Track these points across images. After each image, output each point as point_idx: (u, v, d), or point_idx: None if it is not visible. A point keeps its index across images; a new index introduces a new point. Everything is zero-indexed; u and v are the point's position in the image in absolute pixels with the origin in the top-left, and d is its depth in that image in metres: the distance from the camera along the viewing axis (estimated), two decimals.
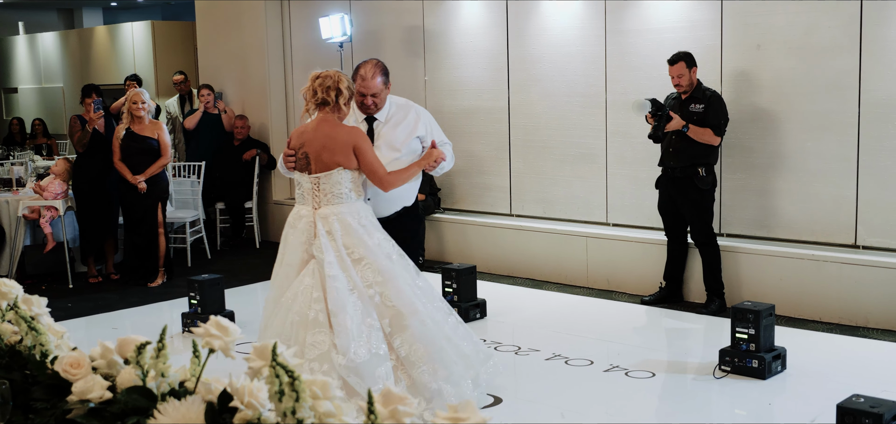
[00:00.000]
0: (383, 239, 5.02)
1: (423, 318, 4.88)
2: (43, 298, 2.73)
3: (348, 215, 4.93)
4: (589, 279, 8.21)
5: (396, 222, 5.41)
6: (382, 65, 5.40)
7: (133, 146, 8.61)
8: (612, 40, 8.09)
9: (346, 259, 4.85)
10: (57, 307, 7.74)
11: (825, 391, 5.33)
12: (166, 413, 2.02)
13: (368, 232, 4.95)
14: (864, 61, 6.76)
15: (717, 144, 7.01)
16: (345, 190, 4.95)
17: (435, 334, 4.88)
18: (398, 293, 4.86)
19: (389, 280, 4.86)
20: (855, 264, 6.77)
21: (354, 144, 4.95)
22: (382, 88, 5.32)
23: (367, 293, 4.83)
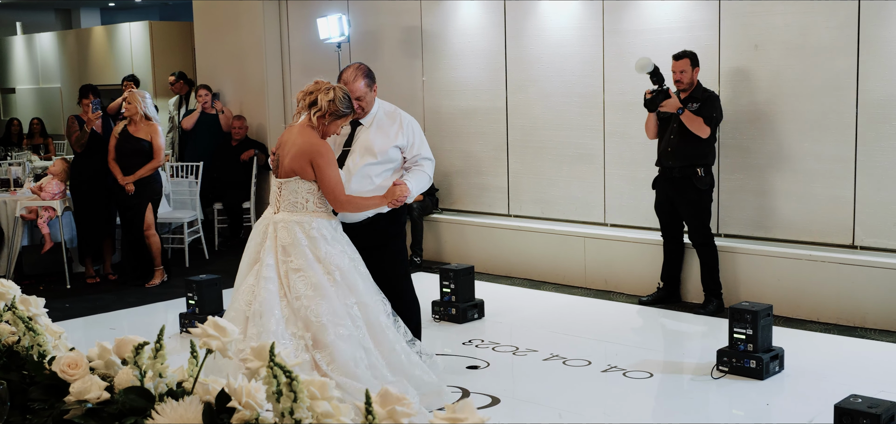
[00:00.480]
0: (337, 253, 4.94)
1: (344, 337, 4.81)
2: (40, 298, 2.73)
3: (299, 224, 4.92)
4: (587, 279, 8.21)
5: (369, 227, 5.33)
6: (365, 68, 5.37)
7: (126, 147, 8.62)
8: (609, 41, 8.10)
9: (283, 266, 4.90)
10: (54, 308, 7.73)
11: (823, 391, 5.33)
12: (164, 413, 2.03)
13: (316, 245, 4.90)
14: (862, 61, 6.77)
15: (706, 135, 6.99)
16: (301, 200, 4.95)
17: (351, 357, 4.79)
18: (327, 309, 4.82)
19: (320, 296, 4.82)
20: (852, 264, 6.77)
21: (312, 159, 4.91)
22: (366, 90, 5.27)
23: (295, 303, 4.84)
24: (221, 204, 10.73)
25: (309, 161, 4.91)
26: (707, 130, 6.98)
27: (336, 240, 5.02)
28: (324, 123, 4.95)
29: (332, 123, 4.99)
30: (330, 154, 4.96)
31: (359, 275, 5.02)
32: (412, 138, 5.38)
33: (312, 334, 4.82)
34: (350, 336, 4.84)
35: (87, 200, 8.89)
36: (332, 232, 5.01)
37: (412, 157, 5.37)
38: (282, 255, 4.90)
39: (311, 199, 4.96)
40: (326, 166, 4.92)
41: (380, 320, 4.99)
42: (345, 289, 4.92)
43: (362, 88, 5.26)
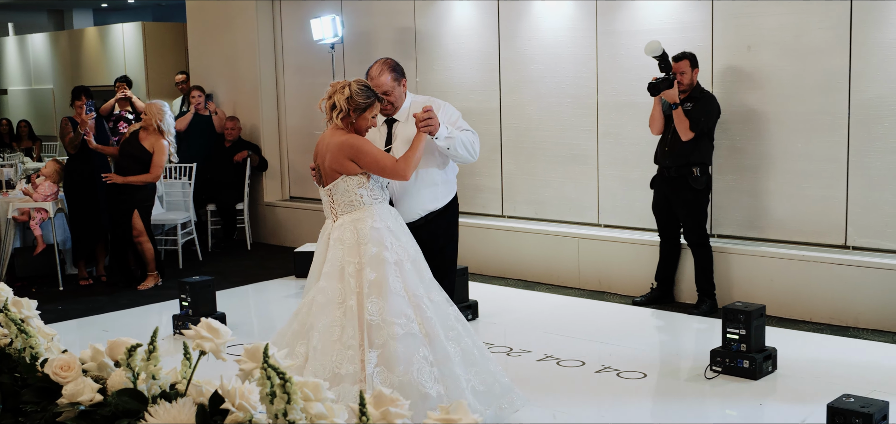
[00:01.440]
0: (401, 246, 4.74)
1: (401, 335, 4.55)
2: (33, 300, 2.72)
3: (360, 221, 4.74)
4: (580, 280, 8.22)
5: (423, 230, 5.13)
6: (391, 61, 5.20)
7: (129, 148, 8.62)
8: (603, 41, 8.11)
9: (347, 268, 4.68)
10: (47, 310, 7.72)
11: (816, 391, 5.34)
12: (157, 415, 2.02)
13: (381, 235, 4.70)
14: (855, 62, 6.78)
15: (686, 138, 7.01)
16: (355, 197, 4.77)
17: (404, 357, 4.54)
18: (381, 305, 4.60)
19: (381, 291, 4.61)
20: (845, 264, 6.79)
21: (349, 153, 4.75)
22: (394, 84, 5.11)
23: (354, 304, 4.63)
24: (215, 205, 10.71)
25: (347, 157, 4.73)
26: (690, 133, 7.00)
27: (403, 229, 4.83)
28: (350, 122, 4.76)
29: (360, 119, 4.77)
30: (364, 140, 4.76)
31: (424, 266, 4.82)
32: (449, 118, 5.15)
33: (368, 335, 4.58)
34: (407, 335, 4.57)
35: (80, 201, 8.88)
36: (393, 221, 4.80)
37: None
38: (348, 256, 4.67)
39: (364, 192, 4.77)
40: (366, 148, 4.73)
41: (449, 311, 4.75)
42: (415, 278, 4.70)
43: (389, 82, 5.11)
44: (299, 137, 10.92)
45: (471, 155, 5.17)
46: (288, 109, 11.00)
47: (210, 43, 11.45)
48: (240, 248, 10.76)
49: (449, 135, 5.00)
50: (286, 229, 10.85)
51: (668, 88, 6.99)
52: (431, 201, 5.19)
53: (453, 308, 4.84)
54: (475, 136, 5.21)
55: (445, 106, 5.25)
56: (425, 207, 5.17)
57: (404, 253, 4.72)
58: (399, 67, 5.23)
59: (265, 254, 10.41)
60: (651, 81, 7.07)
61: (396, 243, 4.72)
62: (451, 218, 5.36)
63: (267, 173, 11.04)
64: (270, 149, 11.06)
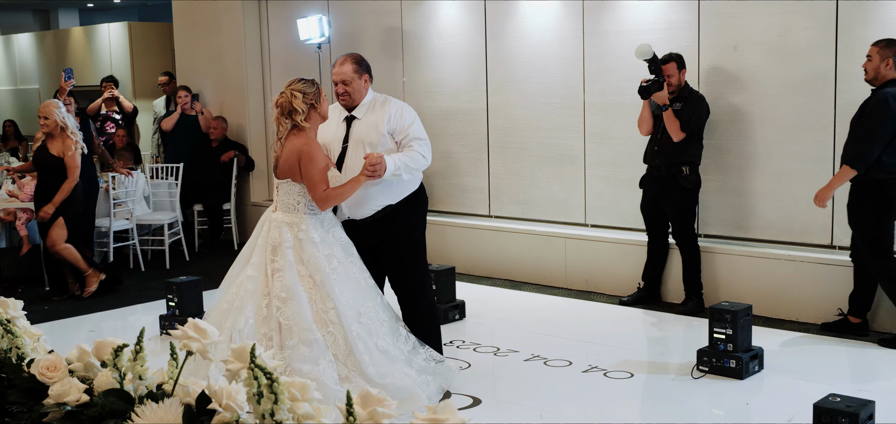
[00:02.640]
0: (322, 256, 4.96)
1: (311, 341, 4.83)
2: (19, 301, 2.71)
3: (289, 226, 5.03)
4: (567, 279, 8.23)
5: (382, 223, 5.33)
6: (357, 56, 5.38)
7: (41, 160, 8.18)
8: (589, 41, 8.12)
9: (268, 266, 4.99)
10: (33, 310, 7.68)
11: (802, 390, 5.36)
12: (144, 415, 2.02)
13: (302, 247, 4.97)
14: (840, 62, 6.81)
15: (677, 139, 7.04)
16: (293, 201, 5.06)
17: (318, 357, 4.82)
18: (295, 313, 4.87)
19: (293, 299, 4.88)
20: (831, 264, 6.81)
21: (299, 159, 4.98)
22: (354, 76, 5.27)
23: (273, 302, 4.92)
24: (202, 206, 10.69)
25: (296, 162, 4.99)
26: (681, 134, 7.03)
27: (325, 243, 5.03)
28: (316, 114, 5.07)
29: (311, 113, 5.05)
30: (314, 153, 4.98)
31: (347, 280, 5.01)
32: (401, 122, 5.26)
33: (281, 337, 4.88)
34: (315, 341, 4.85)
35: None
36: (323, 235, 5.04)
37: (401, 140, 5.25)
38: (270, 253, 4.99)
39: (302, 200, 5.05)
40: (308, 164, 4.97)
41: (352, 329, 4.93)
42: (324, 293, 4.94)
43: (349, 73, 5.26)
44: None
45: (421, 167, 5.28)
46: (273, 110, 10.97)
47: (196, 43, 11.42)
48: (227, 248, 10.73)
49: (395, 171, 5.12)
50: None
51: (658, 90, 7.01)
52: (384, 198, 5.30)
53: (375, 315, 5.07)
54: (425, 146, 5.27)
55: (403, 108, 5.37)
56: (379, 202, 5.30)
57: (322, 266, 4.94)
58: (364, 61, 5.39)
59: None
60: (641, 84, 7.09)
61: (316, 254, 4.96)
62: (413, 210, 5.41)
63: (254, 173, 11.02)
64: (257, 149, 11.04)
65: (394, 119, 5.25)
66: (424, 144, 5.28)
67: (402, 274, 5.46)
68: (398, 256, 5.42)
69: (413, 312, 5.45)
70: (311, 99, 5.04)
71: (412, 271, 5.46)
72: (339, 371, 4.88)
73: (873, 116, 6.06)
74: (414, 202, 5.41)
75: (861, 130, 6.11)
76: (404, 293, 5.48)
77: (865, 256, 6.30)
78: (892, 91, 6.07)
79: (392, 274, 5.49)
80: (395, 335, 5.16)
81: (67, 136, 8.06)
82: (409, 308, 5.47)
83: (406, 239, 5.42)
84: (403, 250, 5.42)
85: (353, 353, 4.91)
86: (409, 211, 5.39)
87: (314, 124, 5.11)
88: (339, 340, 4.92)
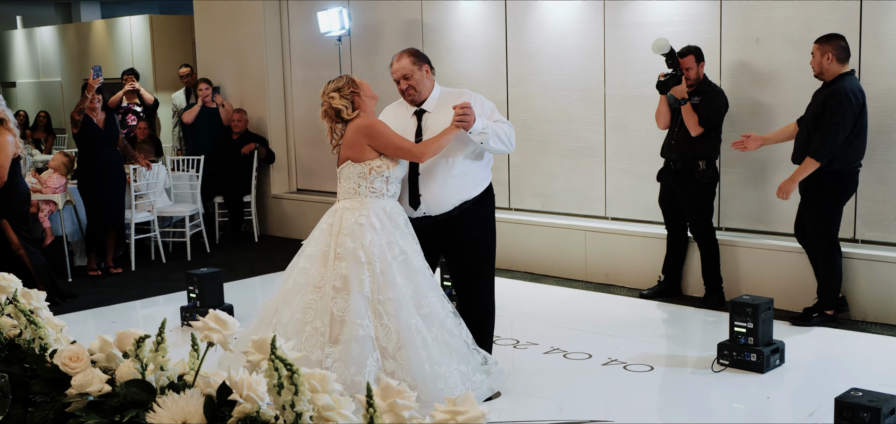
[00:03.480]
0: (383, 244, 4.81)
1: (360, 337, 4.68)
2: (42, 292, 2.73)
3: (350, 211, 4.89)
4: (587, 272, 8.22)
5: (455, 223, 5.12)
6: (412, 49, 5.22)
7: None
8: (610, 34, 8.09)
9: (330, 255, 4.84)
10: (56, 301, 7.75)
11: (823, 385, 5.33)
12: (165, 406, 2.03)
13: (363, 232, 4.81)
14: (864, 55, 6.76)
15: (696, 134, 7.01)
16: (353, 186, 4.94)
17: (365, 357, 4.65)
18: (348, 304, 4.73)
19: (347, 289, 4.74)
20: (853, 258, 6.77)
21: (366, 131, 4.91)
22: (413, 68, 5.09)
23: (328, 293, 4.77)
24: (222, 198, 10.73)
25: (365, 138, 4.91)
26: (699, 129, 6.99)
27: (386, 229, 4.87)
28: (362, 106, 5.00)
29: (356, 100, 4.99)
30: (378, 125, 4.94)
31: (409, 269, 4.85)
32: (482, 110, 5.03)
33: (331, 330, 4.73)
34: (365, 337, 4.69)
35: (90, 191, 8.89)
36: (384, 221, 4.88)
37: None
38: (332, 240, 4.86)
39: (363, 183, 4.91)
40: (379, 135, 4.92)
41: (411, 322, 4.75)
42: (383, 282, 4.78)
43: (407, 66, 5.10)
44: (306, 129, 10.92)
45: (506, 147, 5.09)
46: (295, 101, 11.01)
47: (217, 36, 11.45)
48: (247, 240, 10.78)
49: (483, 130, 4.94)
50: (293, 221, 10.86)
51: (676, 84, 6.98)
52: (463, 191, 5.11)
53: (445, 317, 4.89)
54: (511, 128, 5.11)
55: (480, 99, 5.15)
56: (458, 196, 5.10)
57: (382, 254, 4.78)
58: (421, 53, 5.21)
59: (272, 246, 10.43)
60: (659, 79, 7.05)
61: (377, 241, 4.80)
62: (487, 207, 5.26)
63: (274, 165, 11.05)
64: (277, 141, 11.07)
65: (478, 109, 5.01)
66: (510, 127, 5.09)
67: (473, 275, 5.27)
68: (470, 257, 5.23)
69: (474, 314, 5.24)
70: (347, 91, 4.98)
71: (480, 273, 5.29)
72: (387, 366, 4.69)
73: (836, 110, 6.27)
74: (486, 200, 5.25)
75: (825, 125, 6.30)
76: (468, 295, 5.28)
77: (814, 240, 6.55)
78: (848, 85, 6.29)
79: (460, 274, 5.29)
80: (457, 329, 4.95)
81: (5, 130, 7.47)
82: (470, 310, 5.26)
83: (480, 240, 5.26)
84: (477, 252, 5.24)
85: (404, 347, 4.71)
86: (483, 210, 5.22)
87: (367, 108, 5.03)
88: (391, 333, 4.72)
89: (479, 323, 5.26)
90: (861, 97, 6.34)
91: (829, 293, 6.57)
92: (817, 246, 6.57)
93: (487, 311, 5.41)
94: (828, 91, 6.35)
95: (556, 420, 4.93)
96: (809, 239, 6.61)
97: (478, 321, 5.26)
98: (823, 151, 6.31)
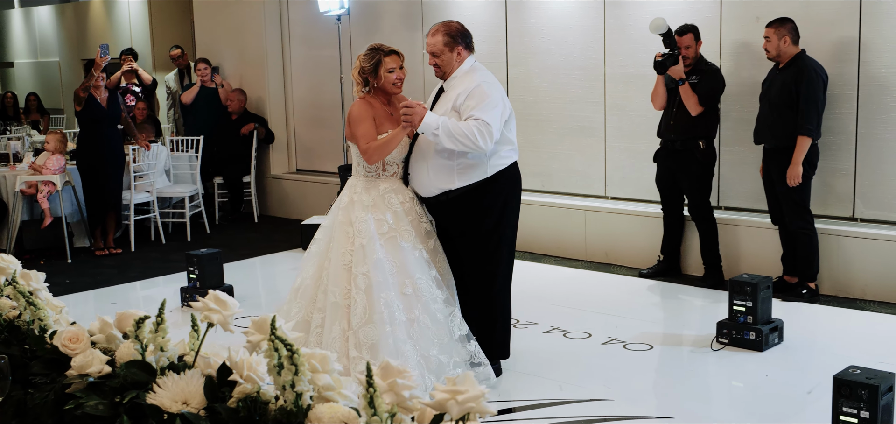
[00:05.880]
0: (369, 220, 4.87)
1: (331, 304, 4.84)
2: (41, 273, 2.73)
3: (349, 188, 5.10)
4: (587, 252, 8.22)
5: (454, 206, 5.02)
6: (450, 25, 5.09)
7: None
8: (611, 13, 8.06)
9: (336, 225, 5.02)
10: (55, 283, 7.74)
11: (821, 362, 5.35)
12: (166, 386, 2.03)
13: (353, 208, 4.95)
14: (864, 33, 6.74)
15: (695, 113, 7.00)
16: (356, 163, 5.12)
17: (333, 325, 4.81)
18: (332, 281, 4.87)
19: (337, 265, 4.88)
20: (853, 236, 6.77)
21: (349, 117, 5.10)
22: (444, 48, 5.00)
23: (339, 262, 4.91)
24: (222, 178, 10.72)
25: (350, 125, 5.08)
26: (700, 108, 6.99)
27: (377, 207, 4.93)
28: (372, 86, 5.07)
29: (378, 79, 5.03)
30: (357, 114, 5.00)
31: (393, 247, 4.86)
32: (469, 101, 4.85)
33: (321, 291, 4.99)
34: (334, 304, 4.81)
35: (91, 172, 8.90)
36: (376, 198, 4.96)
37: (464, 114, 4.85)
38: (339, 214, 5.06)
39: (360, 162, 5.08)
40: (355, 124, 5.02)
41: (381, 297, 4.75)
42: (362, 257, 4.82)
43: (439, 45, 5.02)
44: (306, 109, 10.90)
45: (466, 146, 4.80)
46: (294, 81, 10.98)
47: (216, 15, 11.41)
48: (247, 221, 10.78)
49: (435, 129, 4.77)
50: (293, 201, 10.86)
51: (674, 64, 6.97)
52: (445, 180, 4.98)
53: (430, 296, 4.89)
54: (483, 126, 4.77)
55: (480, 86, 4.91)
56: (437, 184, 5.01)
57: (367, 229, 4.87)
58: (457, 33, 5.08)
59: (272, 227, 10.43)
60: (656, 59, 7.04)
61: (366, 217, 4.89)
62: (476, 202, 5.01)
63: (274, 145, 11.03)
64: (277, 121, 11.05)
65: (463, 95, 4.90)
66: (484, 125, 4.76)
67: (474, 264, 5.12)
68: (456, 251, 5.14)
69: (470, 312, 5.08)
70: (365, 66, 5.03)
71: (484, 260, 5.11)
72: (351, 338, 4.73)
73: (810, 87, 6.47)
74: (482, 193, 5.00)
75: (806, 101, 6.47)
76: (460, 290, 5.14)
77: (790, 214, 6.68)
78: (813, 63, 6.57)
79: (452, 265, 5.16)
80: (445, 317, 4.91)
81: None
82: (464, 307, 5.09)
83: (464, 236, 5.10)
84: (461, 248, 5.12)
85: (370, 323, 4.71)
86: (475, 202, 5.00)
87: (376, 94, 5.08)
88: (358, 306, 4.74)
89: (474, 320, 5.07)
90: (824, 74, 6.58)
91: (812, 266, 6.70)
92: (797, 222, 6.68)
93: (484, 313, 5.15)
94: (794, 69, 6.54)
95: (556, 399, 4.93)
96: (788, 218, 6.72)
97: (473, 317, 5.08)
98: (814, 126, 6.50)
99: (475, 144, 4.78)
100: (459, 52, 5.07)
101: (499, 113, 4.89)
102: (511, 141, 5.08)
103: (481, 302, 5.15)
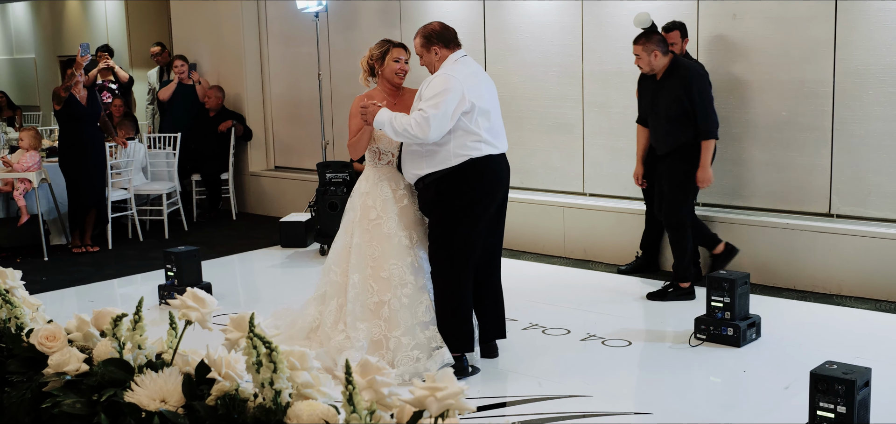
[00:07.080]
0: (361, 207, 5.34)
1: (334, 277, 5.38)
2: (17, 270, 2.71)
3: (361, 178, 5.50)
4: (566, 248, 8.24)
5: (422, 194, 5.29)
6: (426, 27, 5.35)
7: None
8: (588, 10, 8.09)
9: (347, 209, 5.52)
10: (32, 280, 7.69)
11: (799, 358, 5.38)
12: (144, 384, 2.02)
13: (357, 193, 5.41)
14: (840, 30, 6.79)
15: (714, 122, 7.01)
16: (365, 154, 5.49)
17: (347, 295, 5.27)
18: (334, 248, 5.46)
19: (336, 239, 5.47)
20: (829, 232, 6.82)
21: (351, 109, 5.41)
22: (422, 51, 5.32)
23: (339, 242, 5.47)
24: (199, 175, 10.68)
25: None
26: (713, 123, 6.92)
27: (371, 194, 5.35)
28: (380, 75, 5.48)
29: (384, 68, 5.45)
30: (353, 110, 5.33)
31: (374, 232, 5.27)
32: (426, 89, 5.07)
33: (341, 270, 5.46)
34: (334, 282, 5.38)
35: (75, 170, 8.84)
36: (372, 185, 5.37)
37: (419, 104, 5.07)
38: None
39: (368, 154, 5.46)
40: (349, 119, 5.41)
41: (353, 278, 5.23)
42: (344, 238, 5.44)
43: (418, 48, 5.37)
44: (284, 106, 10.87)
45: (402, 137, 5.06)
46: (272, 78, 10.95)
47: (193, 12, 11.36)
48: (225, 218, 10.74)
49: (380, 123, 5.10)
50: (271, 198, 10.83)
51: None
52: (418, 165, 5.21)
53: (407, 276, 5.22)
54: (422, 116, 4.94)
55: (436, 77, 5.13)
56: (413, 172, 5.27)
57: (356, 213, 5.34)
58: (433, 33, 5.31)
59: (250, 224, 10.40)
60: None
61: (357, 204, 5.37)
62: (445, 188, 5.13)
63: (252, 142, 11.00)
64: (255, 119, 11.01)
65: (424, 86, 5.13)
66: (421, 116, 4.94)
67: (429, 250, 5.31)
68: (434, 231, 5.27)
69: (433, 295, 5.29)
70: (375, 53, 5.46)
71: (431, 252, 5.25)
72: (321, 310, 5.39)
73: (701, 92, 6.49)
74: (447, 181, 5.11)
75: (701, 103, 6.47)
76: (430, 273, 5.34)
77: (668, 207, 6.68)
78: (692, 64, 6.68)
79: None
80: (412, 303, 5.17)
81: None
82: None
83: (432, 226, 5.26)
84: (432, 225, 5.29)
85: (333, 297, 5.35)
86: (444, 188, 5.13)
87: (381, 85, 5.49)
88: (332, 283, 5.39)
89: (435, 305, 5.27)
90: (704, 70, 6.74)
91: (683, 264, 6.69)
92: (670, 216, 6.69)
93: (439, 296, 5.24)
94: (676, 78, 6.51)
95: (536, 396, 4.96)
96: (666, 213, 6.72)
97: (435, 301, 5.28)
98: (712, 127, 6.51)
99: (410, 133, 5.00)
100: (436, 51, 5.29)
101: (450, 103, 4.99)
102: (476, 133, 5.11)
103: (436, 289, 5.27)
